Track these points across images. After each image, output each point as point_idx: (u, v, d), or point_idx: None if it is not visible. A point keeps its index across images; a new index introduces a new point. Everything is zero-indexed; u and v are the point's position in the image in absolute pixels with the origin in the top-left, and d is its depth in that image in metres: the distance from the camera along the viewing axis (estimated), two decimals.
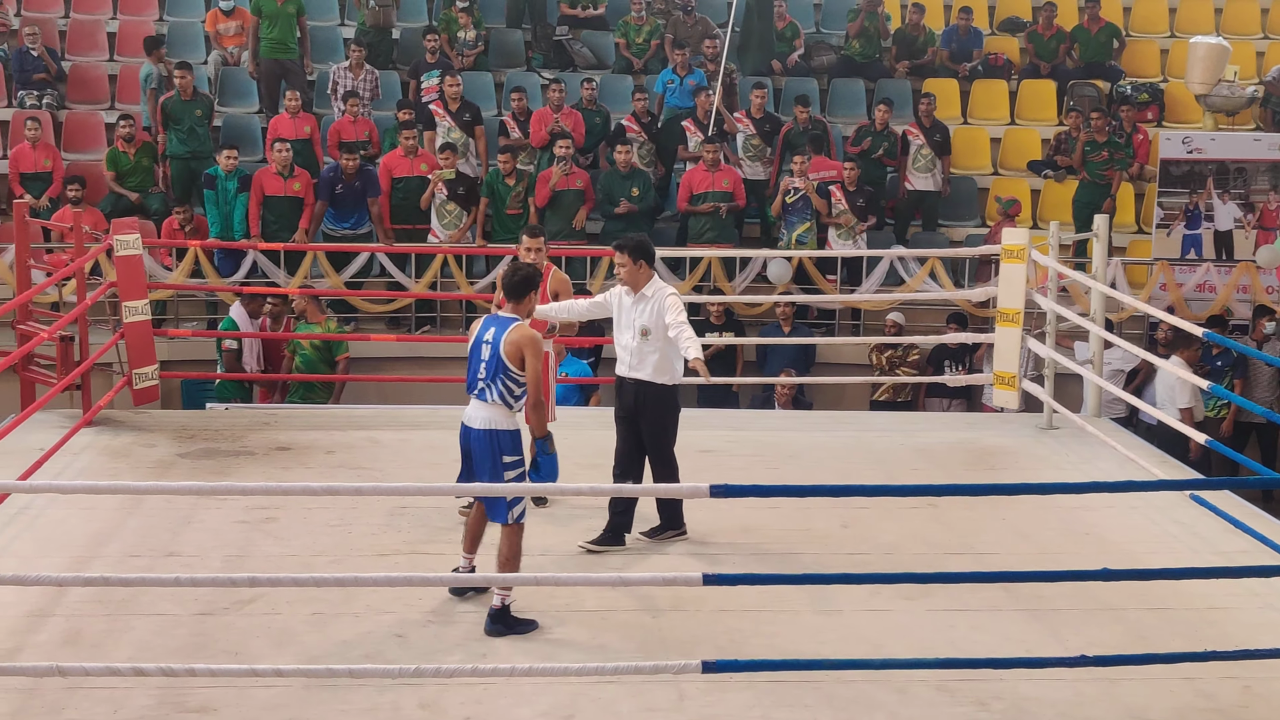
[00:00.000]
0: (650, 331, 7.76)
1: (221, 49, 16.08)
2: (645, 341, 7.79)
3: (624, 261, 7.79)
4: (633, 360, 7.86)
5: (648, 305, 7.78)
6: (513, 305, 6.96)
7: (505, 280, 7.02)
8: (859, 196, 14.12)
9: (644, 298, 7.80)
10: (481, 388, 6.80)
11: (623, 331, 7.89)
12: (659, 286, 7.84)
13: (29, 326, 10.05)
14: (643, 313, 7.78)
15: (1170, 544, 8.17)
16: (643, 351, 7.81)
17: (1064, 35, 17.06)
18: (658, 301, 7.75)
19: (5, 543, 7.78)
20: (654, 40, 16.38)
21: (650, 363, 7.81)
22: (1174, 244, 14.49)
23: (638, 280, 7.80)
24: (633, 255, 7.77)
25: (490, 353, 6.79)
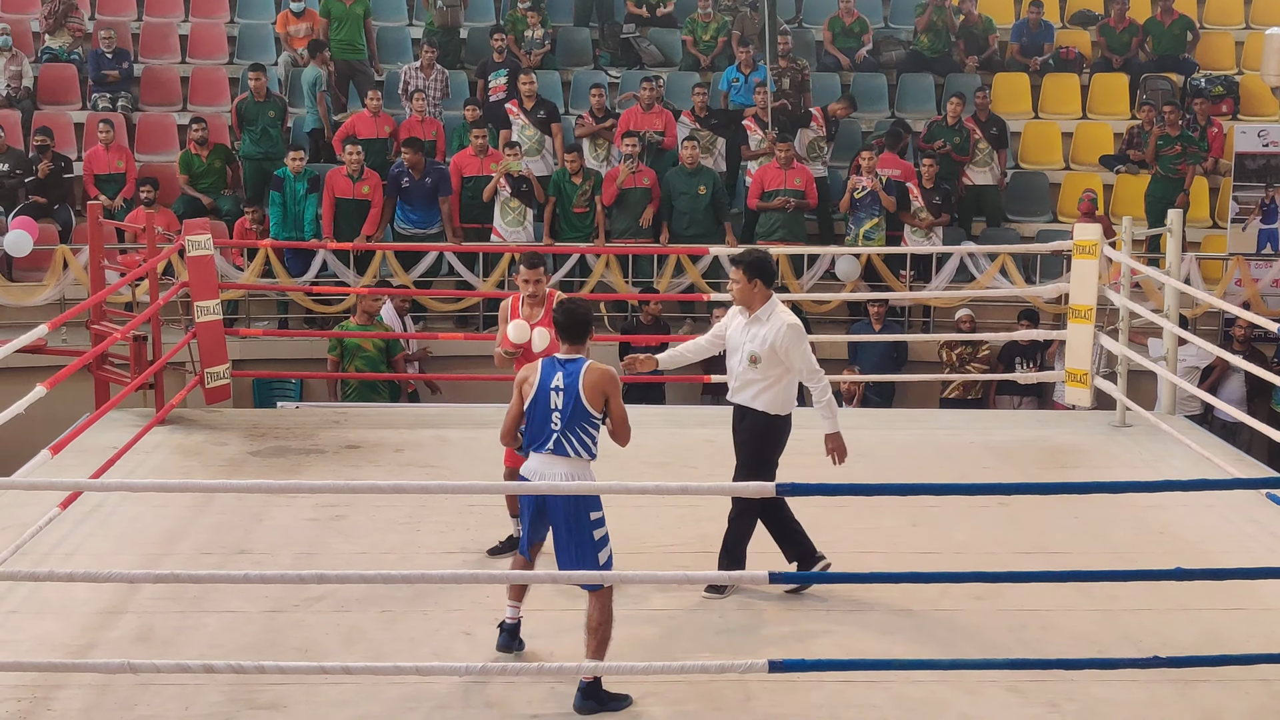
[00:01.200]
0: (759, 360, 7.09)
1: (292, 50, 16.21)
2: (751, 369, 7.12)
3: (738, 278, 7.11)
4: (735, 384, 7.24)
5: (760, 330, 7.10)
6: (572, 347, 6.32)
7: (562, 322, 6.34)
8: (935, 194, 14.02)
9: (758, 320, 7.11)
10: (558, 439, 6.11)
11: (731, 354, 7.24)
12: (776, 311, 7.12)
13: (103, 326, 10.18)
14: (754, 337, 7.11)
15: (1246, 543, 8.05)
16: (747, 378, 7.17)
17: (1136, 28, 16.86)
18: (773, 330, 7.06)
19: (79, 540, 7.88)
20: (721, 37, 16.35)
21: (751, 392, 7.17)
22: (1249, 239, 14.28)
23: (752, 300, 7.11)
24: (748, 272, 7.07)
25: (566, 400, 6.10)
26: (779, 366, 7.10)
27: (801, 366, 7.12)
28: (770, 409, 7.16)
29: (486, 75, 15.37)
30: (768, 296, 7.14)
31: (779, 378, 7.13)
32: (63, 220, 14.26)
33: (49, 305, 13.09)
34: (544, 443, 6.14)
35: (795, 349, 7.07)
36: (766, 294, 7.14)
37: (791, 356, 7.08)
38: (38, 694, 6.09)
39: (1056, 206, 15.57)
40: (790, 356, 7.08)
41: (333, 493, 8.14)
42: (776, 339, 7.05)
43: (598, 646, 6.03)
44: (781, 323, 7.07)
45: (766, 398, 7.16)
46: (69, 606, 6.93)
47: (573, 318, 6.32)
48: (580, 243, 13.80)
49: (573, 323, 6.31)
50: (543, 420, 6.14)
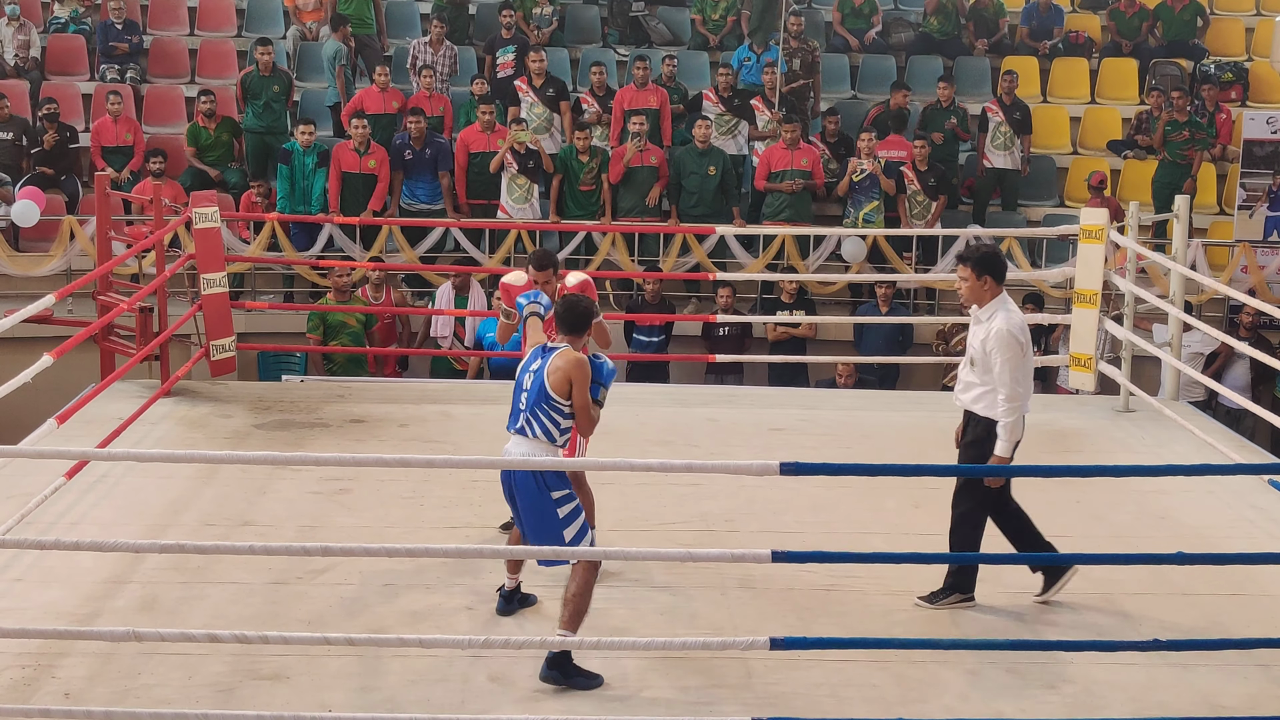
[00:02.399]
0: (975, 362, 6.74)
1: (300, 24, 16.20)
2: (970, 371, 6.79)
3: (966, 275, 6.72)
4: (958, 386, 6.93)
5: (980, 329, 6.71)
6: (568, 338, 6.31)
7: (561, 313, 6.35)
8: (930, 176, 14.00)
9: (979, 320, 6.74)
10: (523, 420, 6.20)
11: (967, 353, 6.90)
12: (999, 311, 6.70)
13: (109, 297, 10.20)
14: (974, 336, 6.74)
15: (1247, 529, 8.06)
16: (966, 380, 6.83)
17: (1147, 13, 16.82)
18: (988, 330, 6.67)
19: (85, 510, 7.91)
20: (730, 16, 16.31)
21: (971, 395, 6.82)
22: (1256, 225, 14.27)
23: (982, 298, 6.71)
24: (976, 269, 6.70)
25: (534, 383, 6.19)
26: (989, 373, 6.70)
27: (1000, 375, 6.64)
28: (987, 411, 6.76)
29: (494, 51, 15.35)
30: (997, 293, 6.72)
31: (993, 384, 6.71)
32: (69, 191, 14.26)
33: (55, 276, 13.11)
34: (514, 423, 6.26)
35: (999, 354, 6.62)
36: (996, 291, 6.72)
37: (992, 360, 6.65)
38: (42, 662, 6.13)
39: (1064, 191, 15.55)
40: (991, 360, 6.66)
41: (337, 466, 8.16)
42: (987, 339, 6.66)
43: (570, 617, 6.02)
44: (1000, 325, 6.63)
45: (984, 397, 6.76)
46: (74, 575, 6.96)
47: (573, 311, 6.34)
48: (587, 220, 13.80)
49: (571, 315, 6.32)
50: (515, 400, 6.28)
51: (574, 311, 6.34)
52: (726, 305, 12.88)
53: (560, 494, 6.14)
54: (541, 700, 5.97)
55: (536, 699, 5.98)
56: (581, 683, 6.04)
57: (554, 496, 6.12)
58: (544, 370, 6.18)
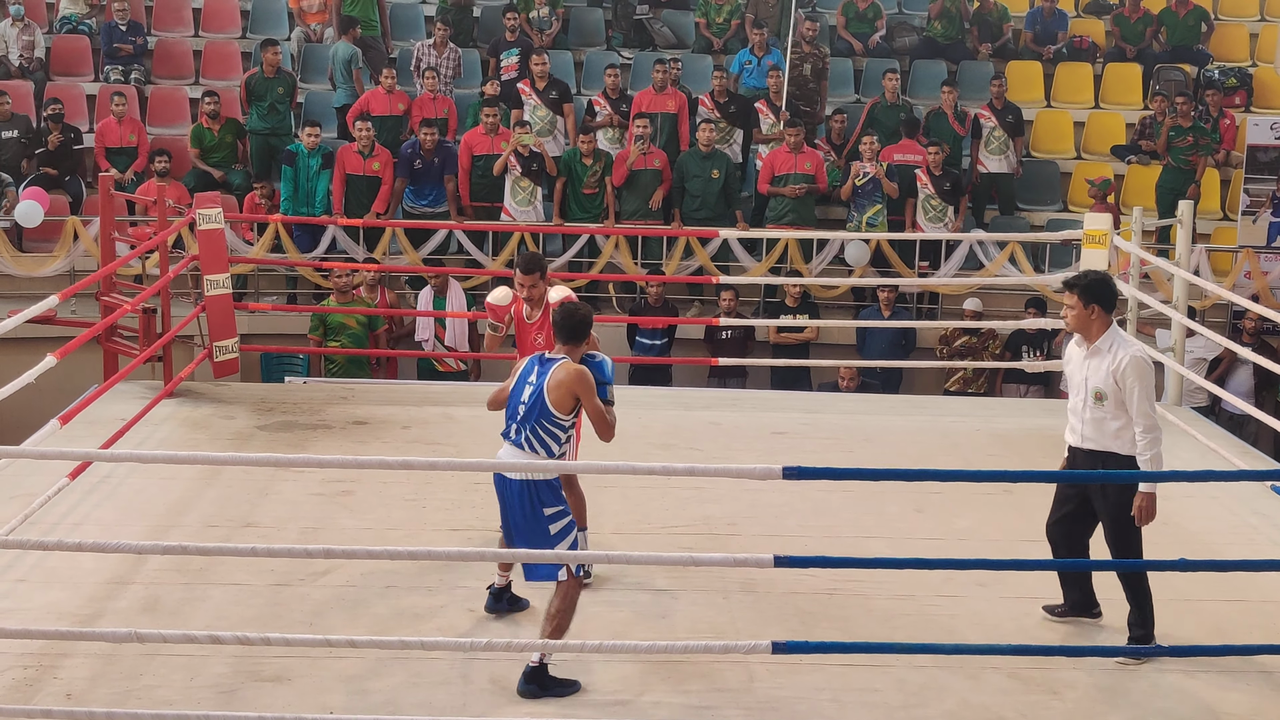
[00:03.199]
0: (1105, 397, 6.39)
1: (305, 26, 16.21)
2: (1100, 407, 6.42)
3: (1072, 303, 6.41)
4: (1085, 429, 6.50)
5: (1102, 362, 6.40)
6: (566, 348, 6.17)
7: (560, 321, 6.21)
8: (945, 180, 14.00)
9: (1098, 352, 6.43)
10: (518, 433, 6.11)
11: (1074, 392, 6.57)
12: (1119, 340, 6.43)
13: (112, 298, 10.20)
14: (1095, 370, 6.42)
15: (1250, 535, 8.06)
16: (1098, 419, 6.46)
17: (1151, 18, 16.81)
18: (1116, 361, 6.36)
19: (87, 510, 7.91)
20: (734, 20, 16.31)
21: (1110, 430, 6.43)
22: (1260, 231, 14.26)
23: (1090, 329, 6.42)
24: (1084, 296, 6.37)
25: (531, 396, 6.05)
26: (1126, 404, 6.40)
27: (1139, 406, 6.33)
28: (1127, 451, 6.45)
29: (499, 54, 15.36)
30: (1108, 324, 6.44)
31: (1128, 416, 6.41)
32: (73, 192, 14.27)
33: (59, 276, 13.12)
34: (508, 434, 6.18)
35: (1138, 384, 6.33)
36: (1107, 321, 6.43)
37: (1132, 392, 6.34)
38: (44, 662, 6.13)
39: (1067, 195, 15.55)
40: (1130, 391, 6.35)
41: (340, 468, 8.16)
42: (1118, 370, 6.36)
43: (551, 634, 5.96)
44: (1127, 352, 6.37)
45: (1123, 430, 6.42)
46: (76, 576, 6.96)
47: (571, 319, 6.20)
48: (590, 223, 13.80)
49: (570, 324, 6.19)
50: (511, 413, 6.17)
51: (572, 319, 6.21)
52: (729, 308, 12.88)
53: (554, 510, 6.09)
54: (543, 703, 5.97)
55: (538, 702, 5.98)
56: (559, 691, 6.02)
57: (547, 513, 6.08)
58: (543, 385, 6.05)
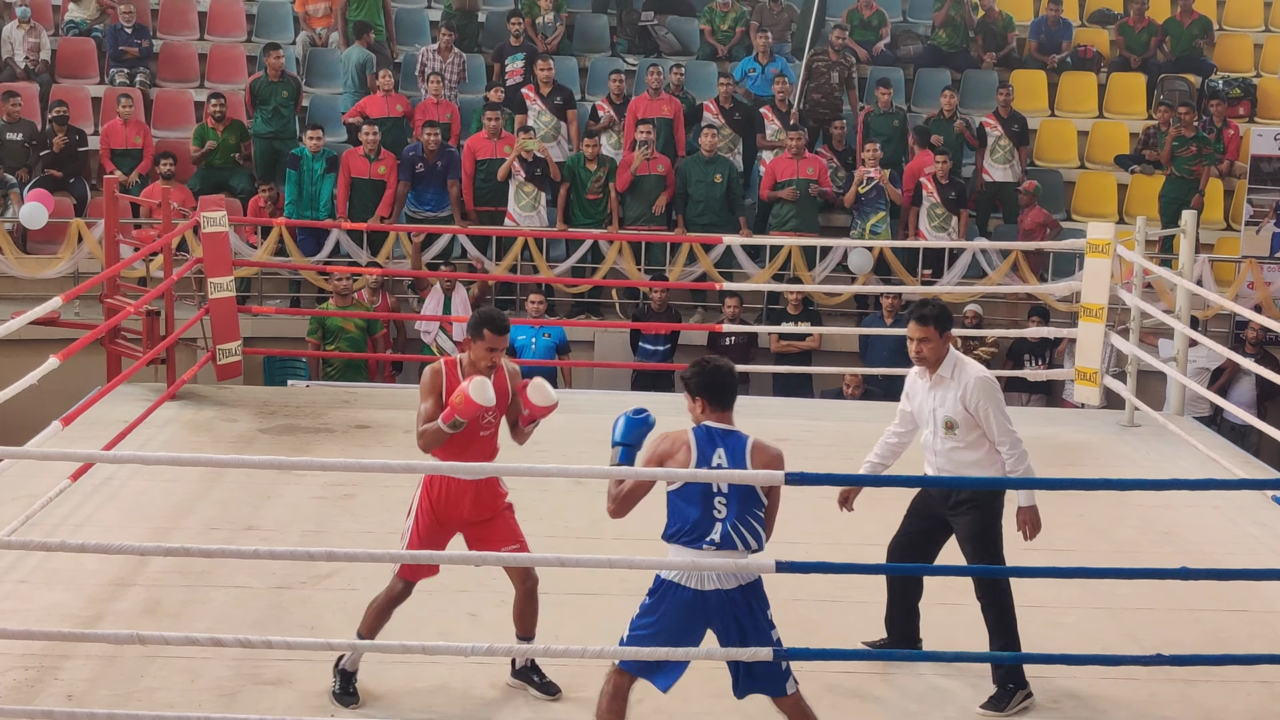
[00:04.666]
0: (957, 425, 6.20)
1: (310, 30, 16.23)
2: (951, 436, 6.24)
3: (928, 335, 6.17)
4: (939, 460, 6.32)
5: (948, 391, 6.21)
6: (723, 415, 5.37)
7: (707, 383, 5.37)
8: (950, 189, 14.01)
9: (942, 380, 6.24)
10: (727, 531, 5.27)
11: (923, 425, 6.39)
12: (959, 365, 6.24)
13: (116, 300, 10.22)
14: (943, 400, 6.23)
15: (1251, 545, 8.07)
16: (951, 449, 6.27)
17: (1155, 28, 16.83)
18: (961, 387, 6.17)
19: (89, 512, 7.92)
20: (739, 27, 16.33)
21: (965, 461, 6.26)
22: (1263, 242, 14.27)
23: (942, 355, 6.23)
24: (937, 326, 6.17)
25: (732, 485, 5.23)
26: (978, 428, 6.22)
27: (997, 426, 6.16)
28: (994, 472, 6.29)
29: (503, 59, 15.38)
30: (948, 350, 6.28)
31: (982, 438, 6.23)
32: (78, 194, 14.28)
33: (63, 278, 13.14)
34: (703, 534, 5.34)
35: (990, 404, 6.16)
36: (948, 347, 6.27)
37: (986, 414, 6.17)
38: (45, 663, 6.14)
39: (1071, 205, 15.56)
40: (985, 414, 6.17)
41: (342, 471, 8.15)
42: (966, 396, 6.17)
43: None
44: (971, 377, 6.19)
45: (980, 460, 6.25)
46: (78, 577, 6.98)
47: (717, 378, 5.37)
48: (593, 229, 13.82)
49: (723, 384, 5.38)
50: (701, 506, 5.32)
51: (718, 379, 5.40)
52: (733, 315, 12.89)
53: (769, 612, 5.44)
54: (544, 709, 5.97)
55: (539, 707, 5.99)
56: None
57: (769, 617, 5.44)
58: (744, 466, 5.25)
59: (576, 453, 9.07)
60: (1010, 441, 6.18)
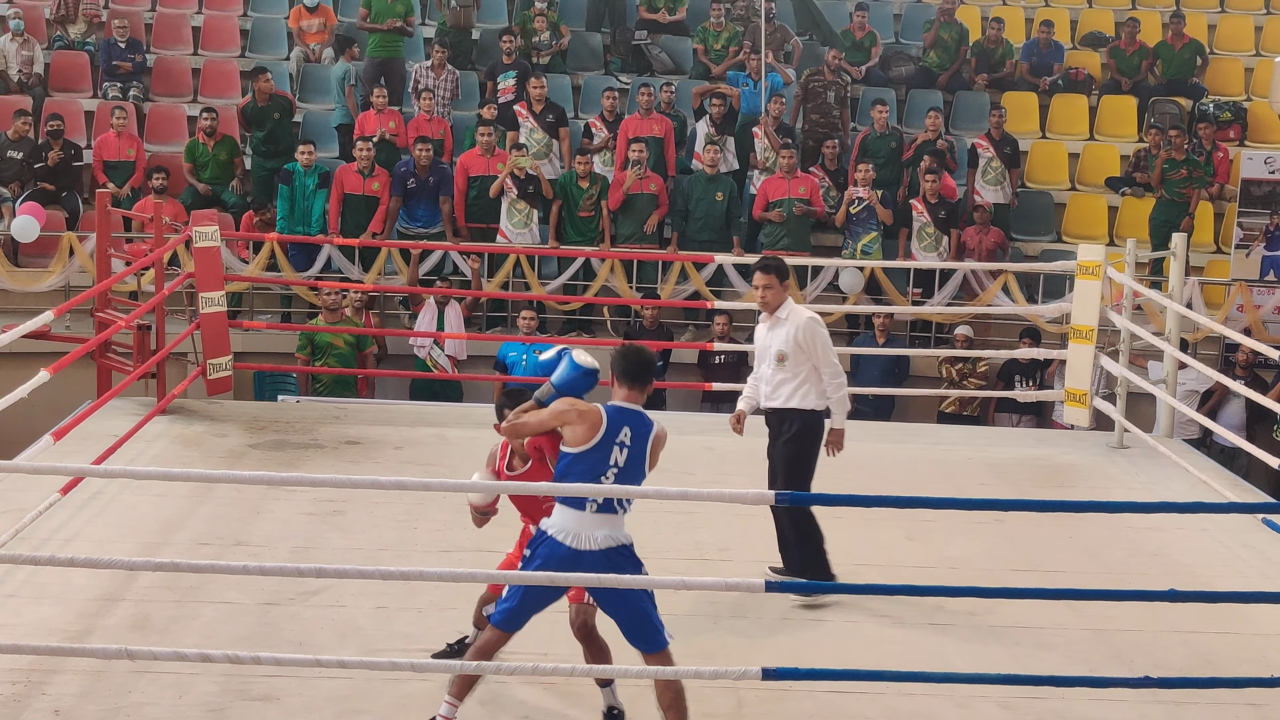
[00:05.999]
0: (788, 356, 7.21)
1: (304, 46, 16.25)
2: (782, 369, 7.23)
3: (770, 283, 7.21)
4: (771, 390, 7.31)
5: (783, 329, 7.23)
6: (634, 394, 5.85)
7: (624, 362, 5.88)
8: (940, 209, 14.04)
9: (779, 322, 7.26)
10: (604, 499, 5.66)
11: (760, 362, 7.37)
12: (793, 309, 7.28)
13: (107, 314, 10.20)
14: (777, 338, 7.25)
15: (1240, 567, 8.07)
16: (781, 380, 7.27)
17: (1147, 51, 16.89)
18: (794, 326, 7.18)
19: (78, 526, 7.90)
20: (732, 47, 16.37)
21: (789, 389, 7.24)
22: (1253, 265, 14.31)
23: (781, 301, 7.28)
24: (778, 275, 7.23)
25: (630, 457, 5.72)
26: (807, 362, 7.20)
27: (823, 356, 7.19)
28: (808, 405, 7.25)
29: (496, 76, 15.41)
30: (786, 296, 7.32)
31: (810, 373, 7.22)
32: (70, 207, 14.28)
33: (54, 292, 13.13)
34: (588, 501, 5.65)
35: (817, 339, 7.17)
36: (785, 294, 7.32)
37: (814, 346, 7.17)
38: (33, 678, 6.12)
39: (1061, 226, 15.60)
40: (812, 346, 7.17)
41: (332, 487, 8.15)
42: (798, 332, 7.16)
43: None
44: (802, 317, 7.20)
45: (802, 393, 7.24)
46: (67, 592, 6.95)
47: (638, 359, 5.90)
48: (585, 246, 13.84)
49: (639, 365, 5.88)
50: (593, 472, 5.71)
51: (639, 360, 5.89)
52: (723, 333, 12.90)
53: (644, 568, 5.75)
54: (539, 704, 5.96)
55: None
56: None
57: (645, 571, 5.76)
58: (646, 448, 5.79)
59: None
60: (832, 370, 7.22)
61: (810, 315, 7.26)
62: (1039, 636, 6.97)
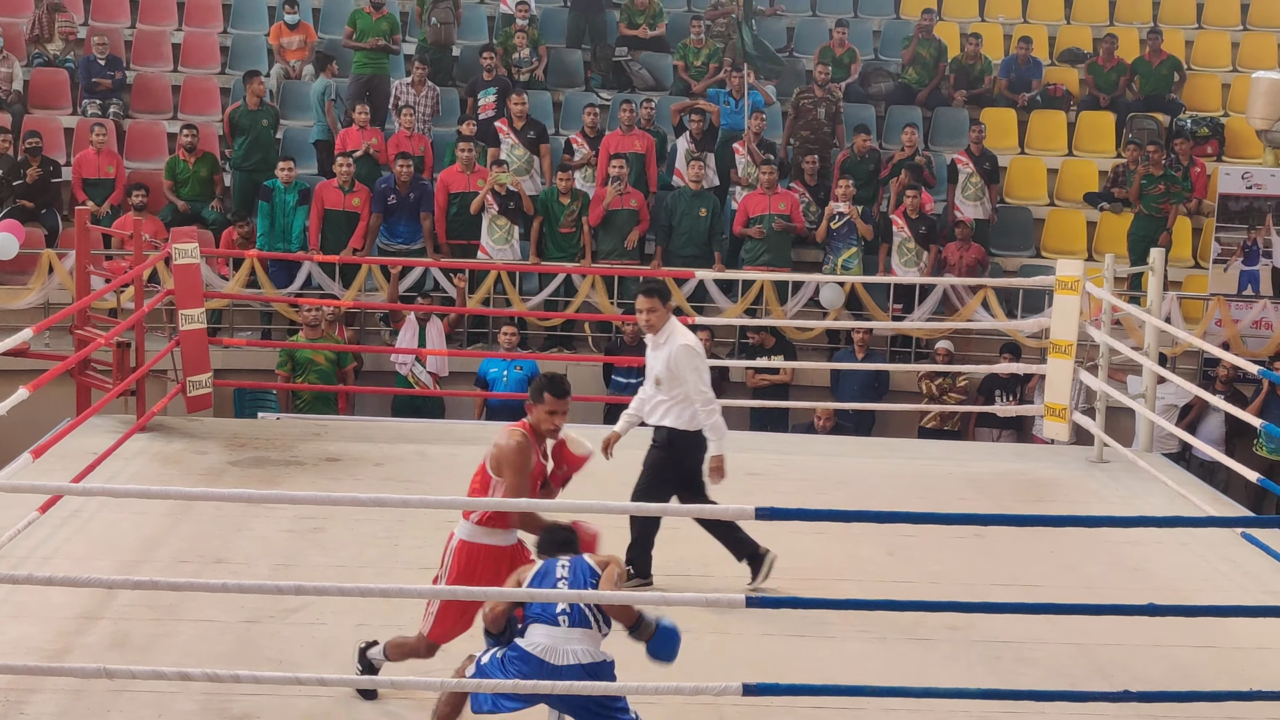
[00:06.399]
0: (662, 380, 7.43)
1: (284, 62, 16.24)
2: (659, 390, 7.46)
3: (654, 306, 7.40)
4: (649, 407, 7.57)
5: (661, 353, 7.43)
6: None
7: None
8: (921, 224, 14.09)
9: (659, 344, 7.46)
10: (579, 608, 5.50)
11: (648, 380, 7.60)
12: (673, 333, 7.44)
13: (87, 332, 10.17)
14: (657, 360, 7.46)
15: (1219, 581, 8.10)
16: (656, 399, 7.52)
17: (1124, 67, 16.98)
18: (669, 351, 7.38)
19: (57, 544, 7.87)
20: (712, 63, 16.41)
21: (663, 409, 7.49)
22: (1231, 280, 14.37)
23: (662, 324, 7.46)
24: (660, 298, 7.44)
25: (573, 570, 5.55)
26: (680, 386, 7.38)
27: (693, 385, 7.35)
28: (680, 425, 7.45)
29: (476, 93, 15.42)
30: (668, 318, 7.48)
31: (685, 396, 7.40)
32: (49, 225, 14.24)
33: (33, 309, 13.08)
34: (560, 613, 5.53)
35: (688, 367, 7.32)
36: (667, 315, 7.48)
37: (684, 375, 7.33)
38: (10, 697, 6.09)
39: (1040, 242, 15.66)
40: (683, 375, 7.33)
41: (312, 504, 8.13)
42: (671, 359, 7.35)
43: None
44: (676, 343, 7.36)
45: (675, 414, 7.45)
46: (45, 610, 6.92)
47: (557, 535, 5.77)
48: (566, 262, 13.84)
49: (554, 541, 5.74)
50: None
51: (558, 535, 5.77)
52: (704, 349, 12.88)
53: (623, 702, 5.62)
54: None
55: None
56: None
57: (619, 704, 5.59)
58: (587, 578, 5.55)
59: None
60: (703, 399, 7.36)
61: (685, 343, 7.35)
62: (1019, 651, 6.98)
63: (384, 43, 15.68)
